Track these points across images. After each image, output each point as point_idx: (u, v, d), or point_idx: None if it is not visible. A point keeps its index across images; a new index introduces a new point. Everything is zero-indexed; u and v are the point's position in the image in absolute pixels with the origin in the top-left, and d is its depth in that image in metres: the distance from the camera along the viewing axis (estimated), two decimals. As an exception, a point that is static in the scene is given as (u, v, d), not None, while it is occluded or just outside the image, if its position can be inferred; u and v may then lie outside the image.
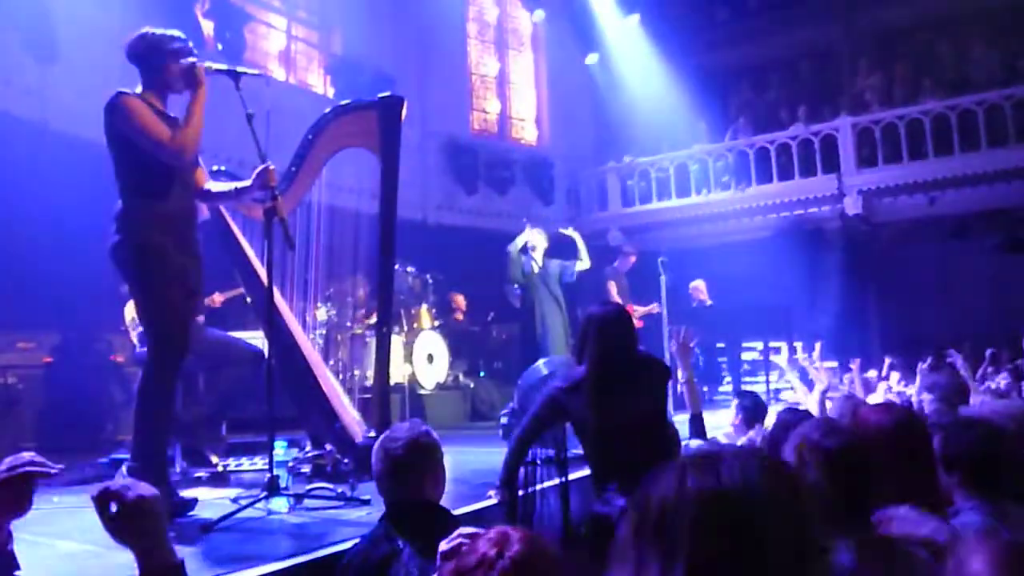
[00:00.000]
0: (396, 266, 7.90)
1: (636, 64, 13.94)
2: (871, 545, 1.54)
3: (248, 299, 4.39)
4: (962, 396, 4.18)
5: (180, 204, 3.21)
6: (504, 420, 5.55)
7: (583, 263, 7.10)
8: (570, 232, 7.35)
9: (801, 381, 6.01)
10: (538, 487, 3.20)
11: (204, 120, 3.19)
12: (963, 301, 11.51)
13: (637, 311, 7.95)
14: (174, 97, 3.31)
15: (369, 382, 5.40)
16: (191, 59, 3.22)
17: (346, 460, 3.75)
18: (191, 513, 3.04)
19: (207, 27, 8.57)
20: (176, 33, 3.29)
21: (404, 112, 4.18)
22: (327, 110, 4.12)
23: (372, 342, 5.55)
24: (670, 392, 3.48)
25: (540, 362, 5.46)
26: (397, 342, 7.53)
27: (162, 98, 3.23)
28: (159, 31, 3.25)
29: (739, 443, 3.74)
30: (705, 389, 8.51)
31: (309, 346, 4.54)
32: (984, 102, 10.99)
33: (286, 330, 4.24)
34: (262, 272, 4.29)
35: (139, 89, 3.22)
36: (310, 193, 4.22)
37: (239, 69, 3.33)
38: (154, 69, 3.20)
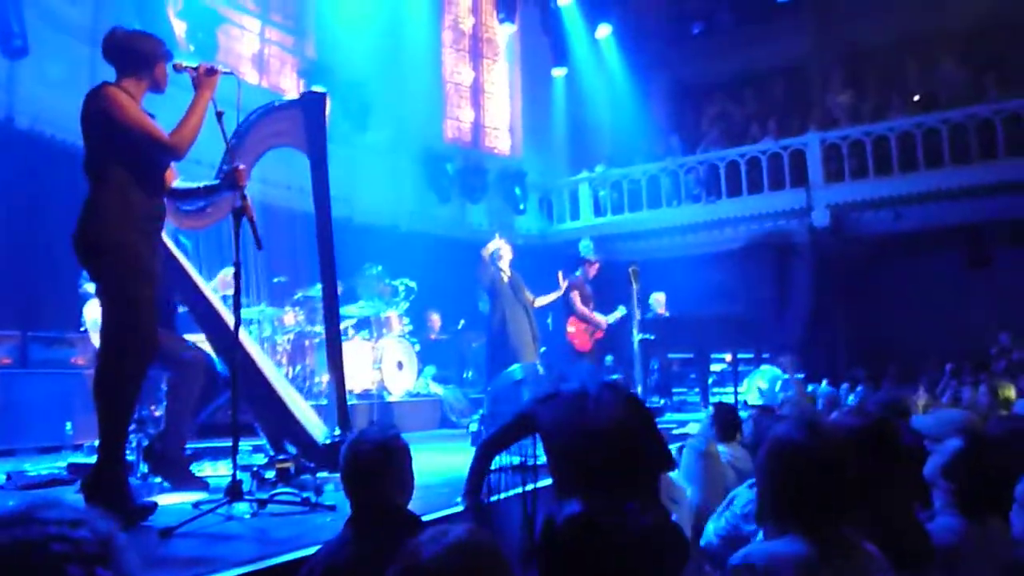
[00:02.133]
0: (375, 271, 7.93)
1: (609, 76, 14.06)
2: (833, 543, 1.57)
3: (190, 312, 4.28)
4: (903, 414, 4.24)
5: (154, 201, 3.16)
6: (474, 427, 5.53)
7: (539, 300, 7.30)
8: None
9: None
10: (505, 494, 3.17)
11: (192, 121, 3.16)
12: (929, 315, 11.71)
13: (604, 321, 7.96)
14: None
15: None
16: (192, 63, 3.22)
17: (311, 464, 3.70)
18: (150, 518, 2.97)
19: (179, 28, 8.46)
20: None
21: (328, 107, 4.18)
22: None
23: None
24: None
25: (512, 368, 5.48)
26: (367, 348, 7.47)
27: (140, 95, 3.18)
28: (145, 32, 3.25)
29: (720, 450, 3.76)
30: (661, 402, 8.57)
31: (259, 351, 4.50)
32: (948, 121, 11.25)
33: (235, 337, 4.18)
34: (206, 289, 4.24)
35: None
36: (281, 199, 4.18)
37: (212, 65, 3.28)
38: (141, 67, 3.15)
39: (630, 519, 1.76)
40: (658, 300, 9.49)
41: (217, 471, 4.19)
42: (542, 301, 7.42)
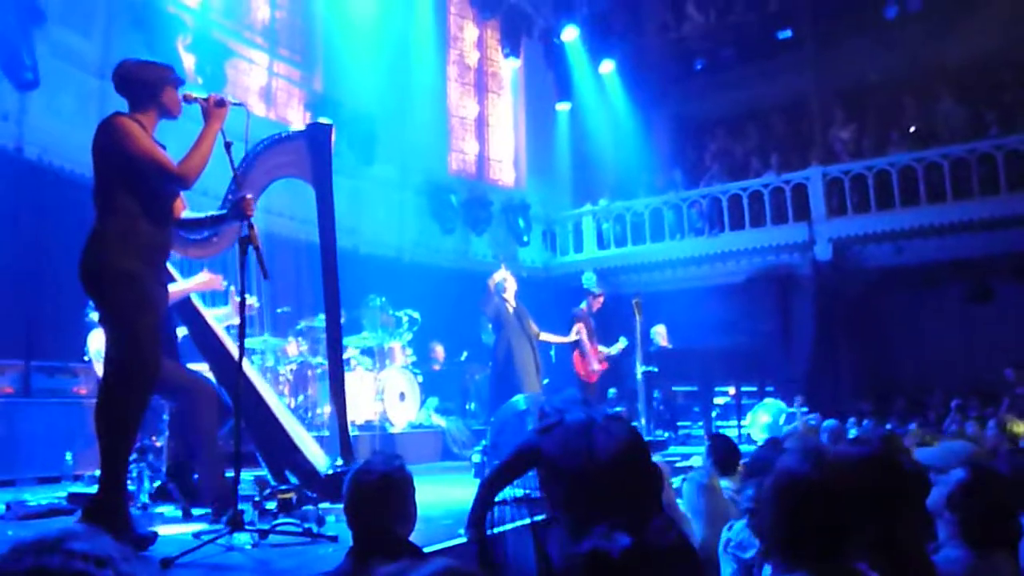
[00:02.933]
0: (379, 301, 7.95)
1: (613, 110, 14.20)
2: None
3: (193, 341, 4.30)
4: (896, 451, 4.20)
5: (160, 232, 3.17)
6: (477, 458, 5.50)
7: (544, 335, 7.37)
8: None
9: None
10: (509, 526, 3.14)
11: (201, 151, 3.18)
12: (932, 349, 11.69)
13: (602, 352, 7.99)
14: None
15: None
16: (203, 94, 3.27)
17: (313, 494, 3.68)
18: (150, 548, 2.95)
19: (188, 61, 8.58)
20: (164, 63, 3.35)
21: (333, 138, 4.21)
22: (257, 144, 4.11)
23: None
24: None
25: (516, 398, 5.46)
26: (369, 379, 7.45)
27: (152, 125, 3.21)
28: (153, 61, 3.29)
29: (723, 485, 3.72)
30: (665, 435, 8.52)
31: (262, 381, 4.51)
32: (949, 155, 11.31)
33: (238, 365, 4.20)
34: (209, 318, 4.27)
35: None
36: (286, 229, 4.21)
37: (222, 96, 3.32)
38: (151, 96, 3.18)
39: (663, 538, 1.75)
40: (659, 332, 9.49)
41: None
42: (548, 337, 7.43)
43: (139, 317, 3.02)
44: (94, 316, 4.49)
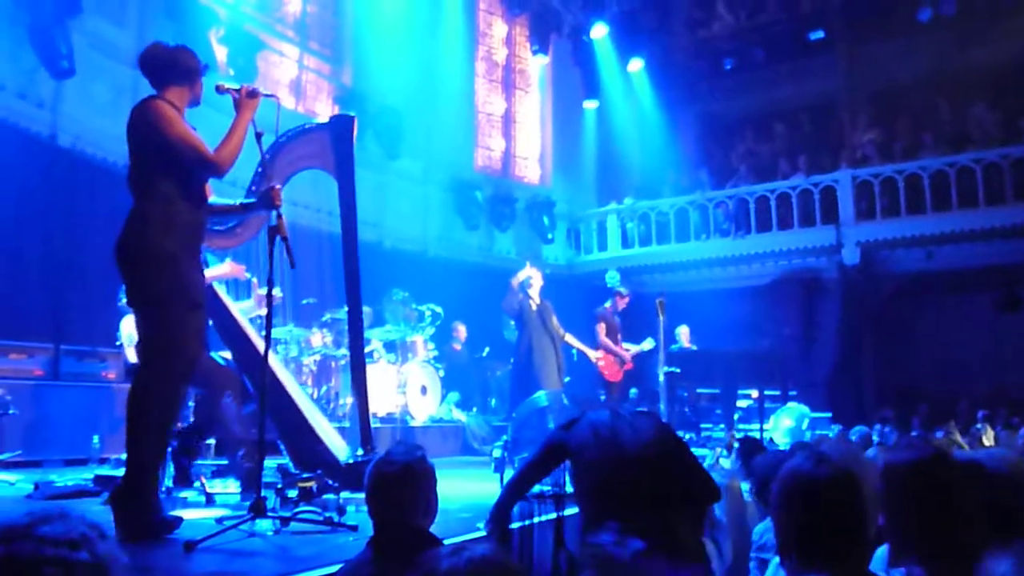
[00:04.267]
0: (402, 295, 7.99)
1: (640, 109, 14.13)
2: None
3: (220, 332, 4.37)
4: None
5: (198, 215, 3.18)
6: (497, 453, 5.50)
7: (569, 337, 7.34)
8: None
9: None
10: (532, 522, 3.13)
11: (234, 140, 3.20)
12: (959, 357, 11.51)
13: (630, 350, 7.97)
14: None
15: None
16: (234, 84, 3.30)
17: (335, 483, 3.71)
18: (175, 532, 2.99)
19: (220, 53, 8.67)
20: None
21: (356, 130, 4.25)
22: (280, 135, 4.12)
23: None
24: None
25: (537, 394, 5.45)
26: (392, 372, 7.49)
27: (183, 110, 3.23)
28: (188, 47, 3.31)
29: (744, 487, 3.70)
30: (688, 437, 8.46)
31: (285, 371, 4.56)
32: (982, 160, 11.13)
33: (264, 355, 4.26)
34: (234, 309, 4.32)
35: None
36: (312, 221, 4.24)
37: (254, 87, 3.34)
38: (185, 81, 3.19)
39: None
40: (682, 333, 9.45)
41: (227, 488, 4.20)
42: (572, 340, 7.40)
43: (173, 298, 3.02)
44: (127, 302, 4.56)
